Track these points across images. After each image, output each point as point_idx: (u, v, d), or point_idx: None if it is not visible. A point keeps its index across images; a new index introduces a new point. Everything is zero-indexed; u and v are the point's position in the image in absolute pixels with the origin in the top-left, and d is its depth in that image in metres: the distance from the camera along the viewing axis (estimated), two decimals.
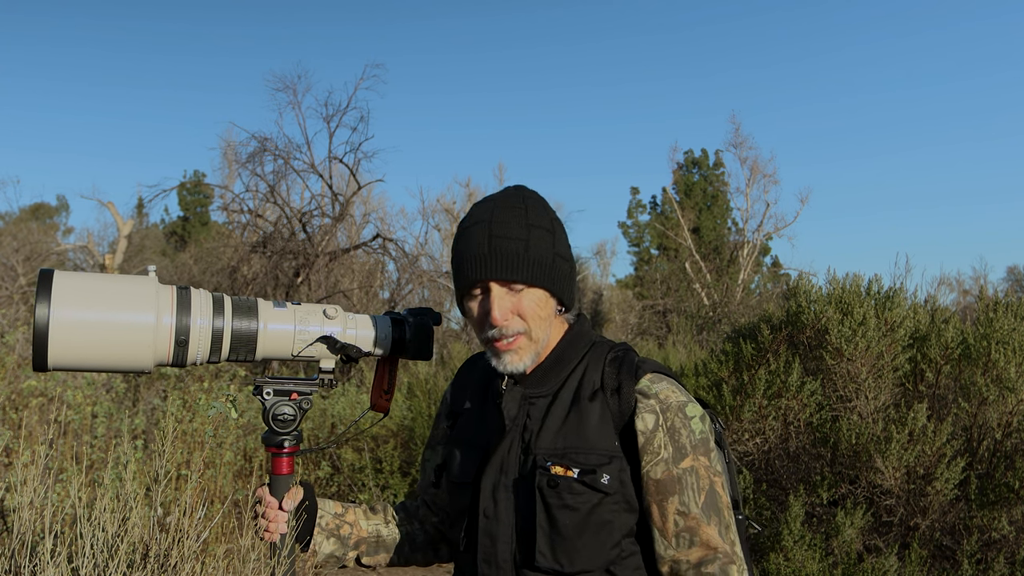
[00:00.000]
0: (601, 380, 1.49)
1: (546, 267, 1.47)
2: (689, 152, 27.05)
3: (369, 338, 1.57)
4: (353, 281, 13.86)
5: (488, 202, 1.53)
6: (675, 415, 1.44)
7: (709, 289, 19.64)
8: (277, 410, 1.53)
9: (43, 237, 20.83)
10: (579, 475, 1.41)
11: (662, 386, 1.46)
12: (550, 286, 1.48)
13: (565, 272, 1.51)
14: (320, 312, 1.53)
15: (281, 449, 1.55)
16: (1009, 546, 3.59)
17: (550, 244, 1.48)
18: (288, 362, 1.66)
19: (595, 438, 1.44)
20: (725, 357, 4.58)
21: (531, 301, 1.46)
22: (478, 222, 1.49)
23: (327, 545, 1.65)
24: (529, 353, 1.48)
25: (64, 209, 33.11)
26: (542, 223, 1.50)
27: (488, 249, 1.45)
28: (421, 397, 6.51)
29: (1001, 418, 3.77)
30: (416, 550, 1.75)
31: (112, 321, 1.34)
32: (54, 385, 4.87)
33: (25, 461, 2.98)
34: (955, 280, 22.64)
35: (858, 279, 4.38)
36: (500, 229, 1.46)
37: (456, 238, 1.53)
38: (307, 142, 15.03)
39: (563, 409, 1.48)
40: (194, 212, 30.97)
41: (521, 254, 1.45)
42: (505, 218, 1.48)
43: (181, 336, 1.39)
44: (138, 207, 22.31)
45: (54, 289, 1.31)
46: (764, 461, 4.17)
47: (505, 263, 1.44)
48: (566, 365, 1.53)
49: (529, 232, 1.47)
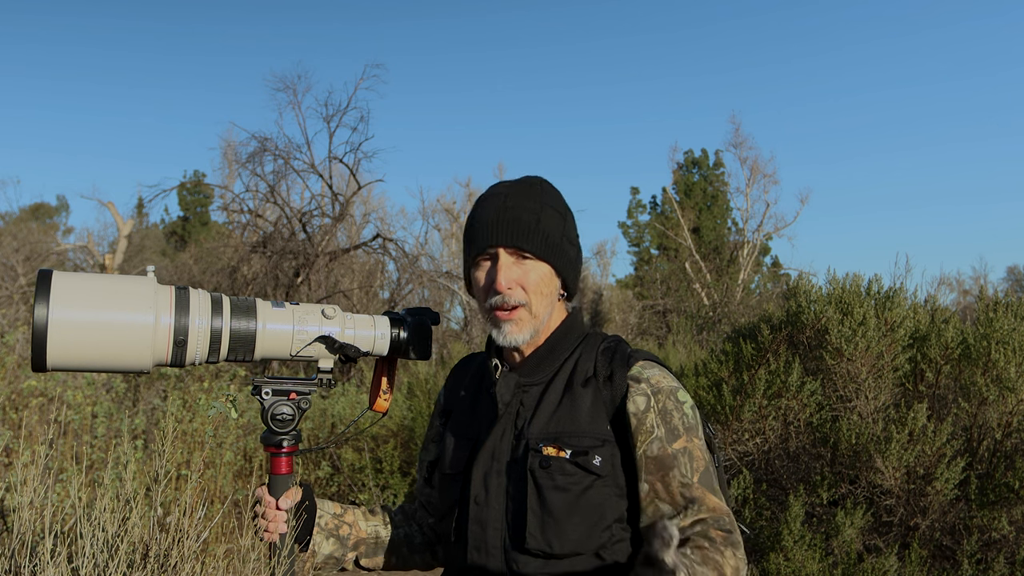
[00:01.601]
0: (594, 368, 1.51)
1: (554, 245, 1.51)
2: (689, 152, 27.06)
3: (368, 338, 1.57)
4: (353, 281, 13.87)
5: (506, 182, 1.58)
6: (667, 398, 1.46)
7: (709, 289, 19.65)
8: (275, 410, 1.54)
9: (43, 237, 20.84)
10: (571, 455, 1.42)
11: (653, 372, 1.49)
12: (556, 264, 1.52)
13: (571, 256, 1.55)
14: (319, 312, 1.54)
15: (280, 449, 1.55)
16: (1009, 546, 3.59)
17: (560, 225, 1.53)
18: (287, 362, 1.67)
19: (587, 423, 1.46)
20: (725, 357, 4.58)
21: (536, 275, 1.50)
22: (494, 194, 1.54)
23: (326, 545, 1.65)
24: (528, 327, 1.51)
25: (64, 209, 33.10)
26: (556, 206, 1.55)
27: (501, 216, 1.49)
28: (421, 397, 6.51)
29: (1001, 418, 3.77)
30: (415, 551, 1.75)
31: (111, 321, 1.34)
32: (54, 385, 4.87)
33: (25, 461, 2.98)
34: (955, 280, 22.65)
35: (858, 279, 4.38)
36: (514, 201, 1.51)
37: (471, 210, 1.58)
38: (307, 142, 15.04)
39: (556, 396, 1.50)
40: (194, 212, 30.97)
41: (532, 225, 1.49)
42: (521, 192, 1.53)
43: (179, 336, 1.39)
44: (138, 207, 22.34)
45: (53, 289, 1.31)
46: (764, 461, 4.17)
47: (516, 230, 1.48)
48: (560, 354, 1.55)
49: (542, 209, 1.52)
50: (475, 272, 1.54)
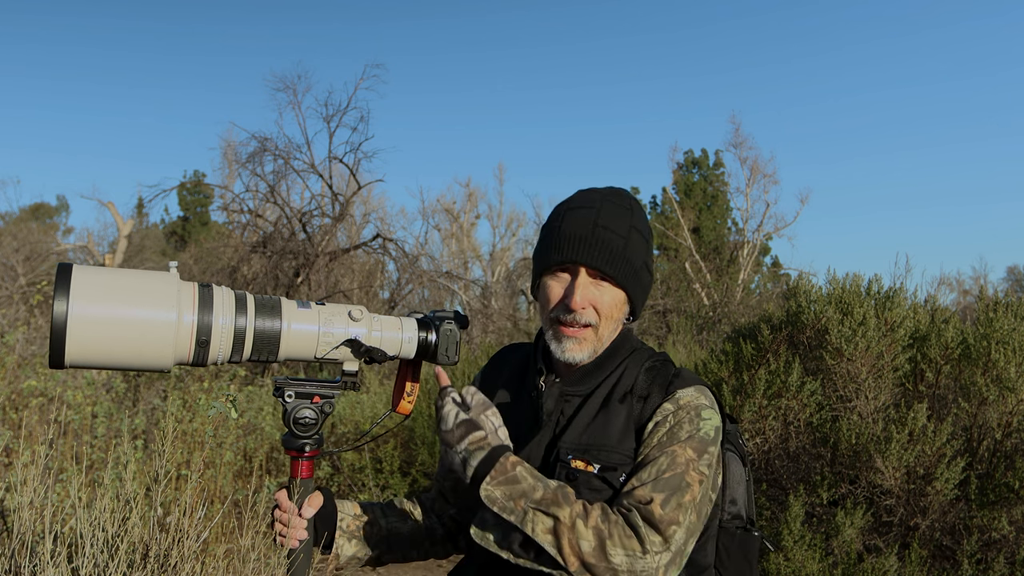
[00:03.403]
0: (633, 385, 1.50)
1: (635, 272, 1.49)
2: (689, 152, 27.05)
3: (395, 341, 1.51)
4: (353, 281, 13.86)
5: (595, 193, 1.53)
6: (687, 412, 1.43)
7: (709, 289, 19.63)
8: (298, 413, 1.49)
9: (43, 237, 20.83)
10: (599, 471, 1.41)
11: (687, 391, 1.46)
12: (632, 291, 1.50)
13: (646, 283, 1.53)
14: (345, 313, 1.48)
15: (301, 453, 1.51)
16: (1009, 546, 3.59)
17: (644, 252, 1.51)
18: (309, 363, 1.63)
19: (618, 439, 1.44)
20: (725, 357, 4.58)
21: (611, 299, 1.48)
22: (585, 207, 1.49)
23: (348, 547, 1.64)
24: (590, 347, 1.49)
25: (64, 209, 33.12)
26: (643, 230, 1.52)
27: (592, 234, 1.46)
28: (421, 397, 6.51)
29: (1001, 418, 3.77)
30: (436, 543, 1.74)
31: (132, 318, 1.29)
32: (54, 385, 4.87)
33: (25, 461, 2.97)
34: (955, 280, 22.65)
35: (858, 279, 4.38)
36: (607, 221, 1.47)
37: (554, 216, 1.53)
38: (307, 142, 15.04)
39: (593, 409, 1.49)
40: (194, 212, 30.96)
41: (620, 250, 1.46)
42: (613, 212, 1.49)
43: (203, 336, 1.34)
44: (138, 207, 22.34)
45: (73, 284, 1.26)
46: (764, 461, 4.17)
47: (604, 253, 1.45)
48: (606, 368, 1.53)
49: (630, 233, 1.48)
50: (548, 279, 1.51)
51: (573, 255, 1.46)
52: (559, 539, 1.29)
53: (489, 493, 1.36)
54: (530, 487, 1.35)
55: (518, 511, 1.33)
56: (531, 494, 1.34)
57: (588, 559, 1.28)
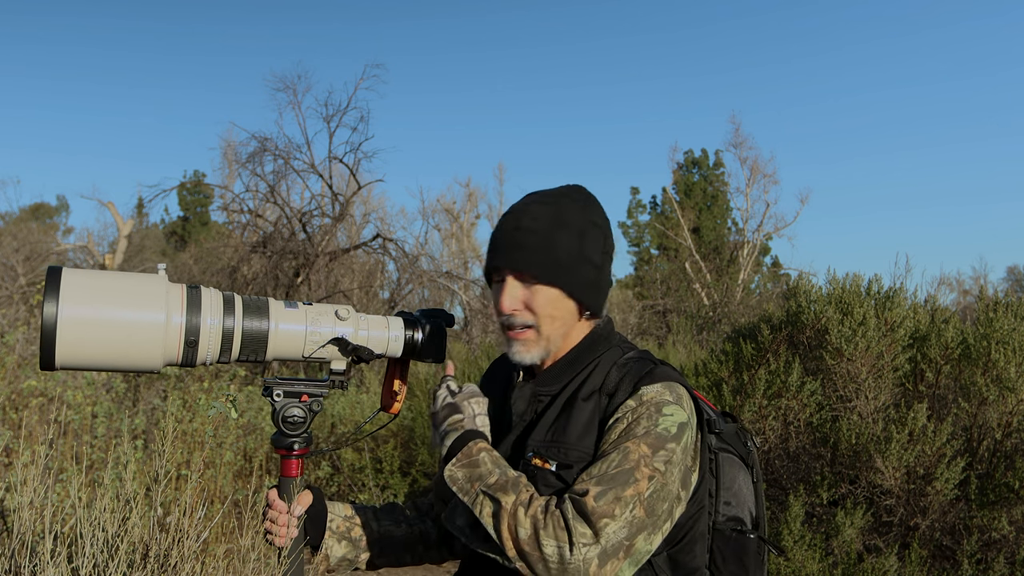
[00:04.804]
0: (602, 382, 1.48)
1: (564, 267, 1.46)
2: (689, 152, 27.05)
3: (381, 339, 1.54)
4: (353, 281, 13.86)
5: (534, 194, 1.55)
6: (647, 409, 1.39)
7: (709, 289, 19.64)
8: (287, 412, 1.51)
9: (43, 237, 20.83)
10: (556, 468, 1.41)
11: (652, 388, 1.42)
12: (566, 287, 1.47)
13: (589, 277, 1.49)
14: (332, 313, 1.50)
15: (290, 451, 1.53)
16: (1009, 546, 3.59)
17: (575, 245, 1.48)
18: (298, 363, 1.65)
19: (578, 437, 1.43)
20: (725, 357, 4.58)
21: (544, 298, 1.47)
22: (511, 211, 1.52)
23: (339, 548, 1.64)
24: (537, 348, 1.49)
25: (64, 209, 33.09)
26: (573, 223, 1.49)
27: (508, 239, 1.48)
28: (421, 397, 6.51)
29: (1001, 418, 3.77)
30: (431, 548, 1.73)
31: (121, 320, 1.32)
32: (54, 385, 4.87)
33: (25, 461, 2.98)
34: (955, 280, 22.61)
35: (858, 279, 4.38)
36: (526, 221, 1.48)
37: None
38: (307, 142, 15.04)
39: (559, 407, 1.49)
40: (194, 212, 30.96)
41: (538, 249, 1.45)
42: (535, 212, 1.49)
43: (191, 336, 1.37)
44: (138, 207, 22.33)
45: (62, 286, 1.28)
46: (764, 461, 4.17)
47: (518, 255, 1.46)
48: (579, 366, 1.52)
49: (555, 229, 1.47)
50: (493, 287, 1.54)
51: (495, 260, 1.49)
52: (499, 523, 1.31)
53: (452, 473, 1.39)
54: (487, 472, 1.37)
55: (472, 493, 1.36)
56: (486, 478, 1.36)
57: (523, 546, 1.29)
